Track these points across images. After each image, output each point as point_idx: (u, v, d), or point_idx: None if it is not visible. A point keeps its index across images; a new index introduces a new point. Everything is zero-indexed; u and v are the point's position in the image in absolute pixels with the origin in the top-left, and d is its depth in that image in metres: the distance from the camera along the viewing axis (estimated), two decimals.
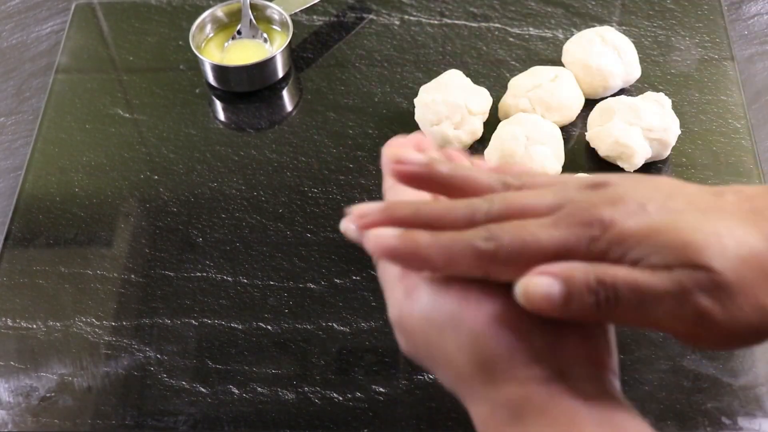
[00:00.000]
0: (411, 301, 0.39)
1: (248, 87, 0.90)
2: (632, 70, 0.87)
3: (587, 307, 0.33)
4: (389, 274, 0.41)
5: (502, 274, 0.36)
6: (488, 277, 0.36)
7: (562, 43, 0.90)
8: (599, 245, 0.34)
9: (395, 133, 0.47)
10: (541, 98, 0.83)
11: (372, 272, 0.76)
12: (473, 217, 0.37)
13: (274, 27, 0.93)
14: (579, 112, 0.86)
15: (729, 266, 0.32)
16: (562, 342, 0.37)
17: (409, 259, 0.36)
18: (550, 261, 0.34)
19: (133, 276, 0.77)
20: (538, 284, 0.34)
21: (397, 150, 0.39)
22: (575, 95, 0.85)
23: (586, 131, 0.83)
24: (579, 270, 0.34)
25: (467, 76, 0.86)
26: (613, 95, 0.87)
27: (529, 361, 0.36)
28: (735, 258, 0.32)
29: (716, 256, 0.32)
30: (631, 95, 0.86)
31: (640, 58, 0.88)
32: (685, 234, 0.33)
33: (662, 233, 0.33)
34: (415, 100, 0.85)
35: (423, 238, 0.36)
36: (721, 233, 0.33)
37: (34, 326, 0.75)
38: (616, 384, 0.38)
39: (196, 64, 0.92)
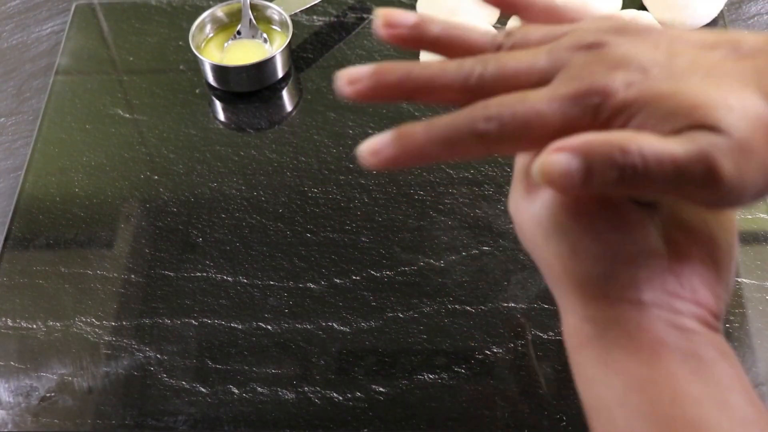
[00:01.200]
0: (528, 201, 0.39)
1: (248, 87, 0.90)
2: None
3: (609, 181, 0.32)
4: (517, 164, 0.40)
5: (505, 151, 0.35)
6: (490, 155, 0.36)
7: None
8: (602, 115, 0.33)
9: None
10: None
11: (372, 272, 0.76)
12: (467, 79, 0.35)
13: (274, 27, 0.93)
14: None
15: (741, 127, 0.31)
16: (667, 273, 0.36)
17: (409, 160, 0.35)
18: (554, 134, 0.33)
19: (133, 276, 0.77)
20: (556, 162, 0.31)
21: (387, 12, 0.38)
22: None
23: None
24: (598, 142, 0.32)
25: None
26: None
27: (627, 285, 0.36)
28: (744, 119, 0.31)
29: (727, 117, 0.31)
30: None
31: None
32: (693, 97, 0.32)
33: (668, 98, 0.32)
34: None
35: (418, 133, 0.35)
36: (728, 95, 0.32)
37: (34, 326, 0.75)
38: (717, 326, 0.36)
39: (196, 64, 0.92)
